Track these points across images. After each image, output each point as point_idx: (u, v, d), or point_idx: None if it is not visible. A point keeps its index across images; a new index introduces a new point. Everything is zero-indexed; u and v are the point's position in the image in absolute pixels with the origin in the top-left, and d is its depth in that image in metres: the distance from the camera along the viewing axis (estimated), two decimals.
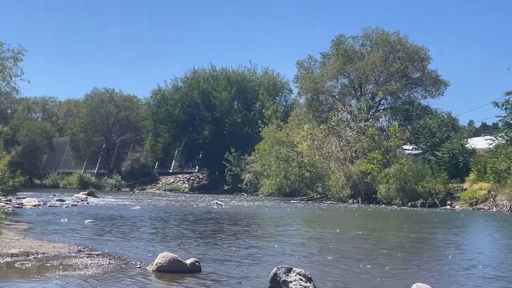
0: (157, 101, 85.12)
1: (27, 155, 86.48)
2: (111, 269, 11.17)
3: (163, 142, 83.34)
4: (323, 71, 59.75)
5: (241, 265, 12.13)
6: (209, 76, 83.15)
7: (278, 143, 57.69)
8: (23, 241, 15.31)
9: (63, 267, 11.29)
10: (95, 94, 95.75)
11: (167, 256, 11.17)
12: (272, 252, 14.54)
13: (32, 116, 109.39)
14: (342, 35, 61.18)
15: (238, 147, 71.91)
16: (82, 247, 14.39)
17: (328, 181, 48.41)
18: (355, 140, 50.58)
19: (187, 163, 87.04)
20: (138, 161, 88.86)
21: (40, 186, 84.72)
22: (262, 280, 10.22)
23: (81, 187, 76.41)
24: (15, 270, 11.12)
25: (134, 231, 19.93)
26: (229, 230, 20.29)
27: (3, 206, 26.75)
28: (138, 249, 14.73)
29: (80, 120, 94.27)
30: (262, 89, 79.50)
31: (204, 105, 79.95)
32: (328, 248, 15.55)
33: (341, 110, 54.17)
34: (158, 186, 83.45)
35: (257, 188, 64.09)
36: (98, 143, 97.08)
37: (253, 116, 75.17)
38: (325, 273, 11.20)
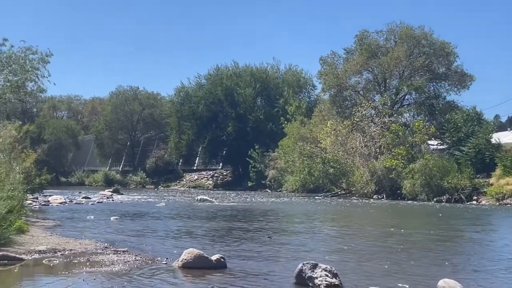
0: (181, 99, 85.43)
1: (53, 153, 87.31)
2: (137, 266, 11.23)
3: (187, 139, 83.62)
4: (347, 66, 59.50)
5: (266, 261, 12.12)
6: (232, 73, 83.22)
7: (302, 139, 57.59)
8: (50, 238, 15.46)
9: (90, 263, 11.37)
10: (119, 92, 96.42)
11: (193, 252, 11.20)
12: (297, 248, 14.50)
13: (58, 114, 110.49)
14: (365, 30, 60.95)
15: (261, 143, 71.93)
16: (108, 243, 14.49)
17: (352, 177, 48.24)
18: (379, 136, 50.33)
19: (211, 160, 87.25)
20: (162, 158, 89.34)
21: (66, 183, 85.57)
22: (288, 276, 10.20)
23: (106, 185, 77.01)
24: (43, 267, 11.22)
25: (159, 227, 20.02)
26: (254, 226, 20.30)
27: (30, 204, 27.01)
28: (163, 245, 14.79)
29: (105, 118, 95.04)
30: (285, 86, 79.38)
31: (227, 101, 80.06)
32: (353, 244, 15.47)
33: (365, 106, 53.91)
34: (182, 183, 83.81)
35: (281, 184, 64.05)
36: (122, 140, 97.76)
37: (277, 112, 75.09)
38: (350, 269, 11.15)
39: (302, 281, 9.56)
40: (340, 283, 9.51)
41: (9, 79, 23.45)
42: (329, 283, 9.41)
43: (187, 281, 10.20)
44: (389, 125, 50.23)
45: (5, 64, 22.96)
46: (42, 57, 23.92)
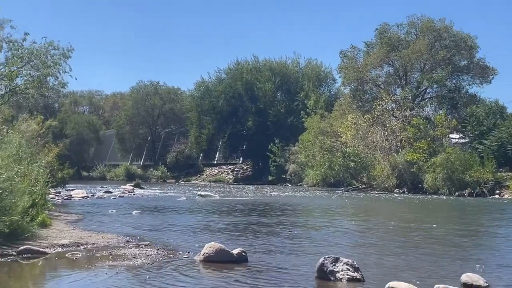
0: (201, 93, 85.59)
1: (74, 147, 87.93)
2: (159, 259, 11.29)
3: (207, 133, 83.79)
4: (367, 60, 59.23)
5: (288, 255, 12.12)
6: (252, 67, 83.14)
7: (322, 133, 57.40)
8: (73, 232, 15.60)
9: (112, 257, 11.45)
10: (140, 87, 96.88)
11: (214, 246, 11.23)
12: (318, 242, 14.48)
13: (79, 109, 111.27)
14: (386, 24, 60.61)
15: (281, 137, 71.85)
16: (130, 237, 14.58)
17: (373, 171, 48.03)
18: (400, 130, 50.04)
19: (231, 154, 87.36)
20: (183, 152, 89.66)
21: (88, 178, 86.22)
22: (309, 270, 10.19)
23: (128, 179, 77.46)
24: (66, 260, 11.32)
25: (180, 221, 20.10)
26: (274, 221, 20.30)
27: (52, 198, 27.28)
28: (185, 239, 14.85)
29: (126, 113, 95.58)
30: (305, 80, 79.17)
31: (247, 96, 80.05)
32: (375, 238, 15.41)
33: (385, 99, 53.59)
34: (202, 178, 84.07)
35: (301, 178, 63.97)
36: (143, 135, 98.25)
37: (297, 106, 74.91)
38: (372, 263, 11.11)
39: (323, 275, 9.54)
40: (361, 277, 9.48)
41: (31, 74, 23.67)
42: (350, 277, 9.38)
43: (209, 275, 10.24)
44: (410, 119, 49.94)
45: (27, 59, 23.15)
46: (64, 52, 24.10)
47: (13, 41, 22.46)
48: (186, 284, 9.23)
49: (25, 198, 13.69)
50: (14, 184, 13.31)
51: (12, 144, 16.42)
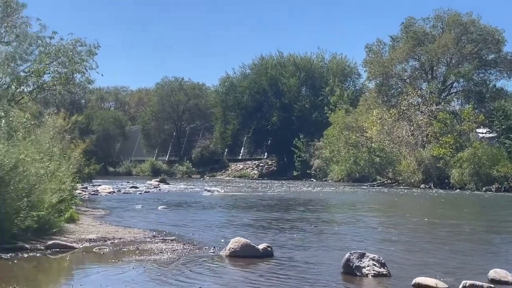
0: (226, 89, 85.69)
1: (101, 143, 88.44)
2: (185, 254, 11.36)
3: (232, 129, 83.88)
4: (393, 54, 58.80)
5: (313, 251, 12.12)
6: (276, 63, 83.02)
7: (347, 129, 57.13)
8: (100, 227, 15.76)
9: (139, 252, 11.55)
10: (165, 83, 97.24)
11: (240, 241, 11.27)
12: (343, 237, 14.45)
13: (105, 105, 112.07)
14: (411, 18, 60.09)
15: (306, 133, 71.69)
16: (156, 232, 14.69)
17: (399, 166, 47.74)
18: (426, 125, 49.63)
19: (256, 150, 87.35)
20: (208, 148, 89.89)
21: (114, 173, 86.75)
22: (335, 265, 10.18)
23: (153, 174, 77.82)
24: (93, 255, 11.45)
25: (206, 216, 20.19)
26: (300, 216, 20.29)
27: (79, 194, 27.58)
28: (210, 234, 14.91)
29: (151, 109, 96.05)
30: (330, 74, 78.88)
31: (272, 91, 79.98)
32: (401, 233, 15.33)
33: (411, 94, 53.16)
34: (227, 173, 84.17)
35: (326, 174, 63.80)
36: (168, 131, 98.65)
37: (321, 101, 74.65)
38: (398, 258, 11.05)
39: (349, 270, 9.53)
40: (388, 272, 9.44)
41: (58, 71, 23.93)
42: (377, 273, 9.35)
43: (235, 270, 10.28)
44: (436, 114, 49.49)
45: (54, 56, 23.41)
46: (90, 49, 24.33)
47: (41, 38, 22.73)
48: (212, 279, 9.27)
49: (53, 193, 13.86)
50: (43, 180, 13.50)
51: (42, 141, 16.64)
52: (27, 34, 22.92)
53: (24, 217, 11.77)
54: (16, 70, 21.80)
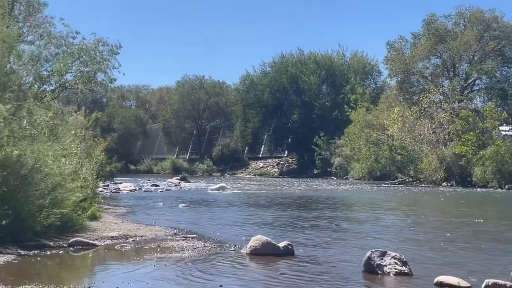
0: (246, 87, 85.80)
1: (122, 141, 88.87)
2: (206, 252, 11.39)
3: (252, 127, 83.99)
4: (414, 51, 58.44)
5: (334, 249, 12.08)
6: (297, 61, 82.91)
7: (368, 126, 56.89)
8: (121, 225, 15.86)
9: (160, 249, 11.60)
10: (185, 81, 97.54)
11: (261, 239, 11.27)
12: (364, 236, 14.39)
13: (126, 104, 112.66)
14: (433, 15, 59.66)
15: (327, 131, 71.53)
16: (177, 230, 14.75)
17: (420, 164, 47.47)
18: (448, 122, 49.27)
19: (276, 148, 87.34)
20: (228, 146, 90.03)
21: (135, 171, 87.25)
22: (356, 263, 10.14)
23: (174, 172, 78.12)
24: (115, 252, 11.53)
25: (226, 214, 20.25)
26: (320, 214, 20.25)
27: (101, 191, 27.79)
28: (231, 232, 14.95)
29: (172, 107, 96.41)
30: (351, 72, 78.60)
31: (292, 89, 79.93)
32: (422, 232, 15.23)
33: (433, 92, 52.82)
34: (248, 171, 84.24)
35: (347, 172, 63.62)
36: (189, 129, 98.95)
37: (342, 99, 74.45)
38: (420, 257, 10.98)
39: (371, 269, 9.49)
40: (409, 271, 9.38)
41: (80, 70, 24.13)
42: (398, 271, 9.30)
43: (256, 268, 10.28)
44: (458, 111, 49.11)
45: (77, 55, 23.60)
46: (112, 48, 24.49)
47: (64, 37, 22.94)
48: (233, 276, 9.29)
49: (75, 191, 13.98)
50: (65, 178, 13.61)
51: (65, 139, 16.79)
52: (51, 33, 23.13)
53: (47, 214, 11.89)
54: (39, 69, 22.01)
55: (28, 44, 22.46)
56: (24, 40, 22.51)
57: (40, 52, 20.36)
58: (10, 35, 14.38)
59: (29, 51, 20.09)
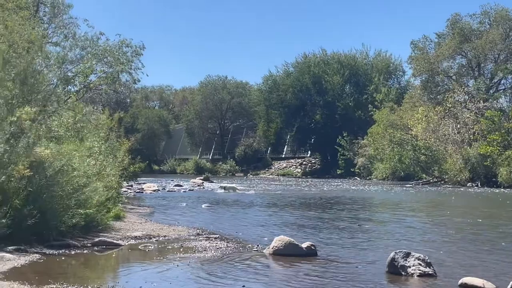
0: (269, 87, 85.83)
1: (146, 142, 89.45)
2: (229, 252, 11.41)
3: (275, 127, 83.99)
4: (439, 51, 58.02)
5: (357, 250, 12.03)
6: (320, 61, 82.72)
7: (392, 126, 56.54)
8: (145, 225, 15.96)
9: (183, 249, 11.65)
10: (208, 81, 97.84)
11: (283, 240, 11.26)
12: (388, 236, 14.31)
13: (150, 104, 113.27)
14: (458, 14, 59.20)
15: (350, 131, 71.26)
16: (200, 230, 14.80)
17: (445, 165, 47.05)
18: (473, 122, 48.77)
19: (299, 148, 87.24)
20: (251, 146, 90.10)
21: (159, 172, 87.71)
22: (379, 264, 10.09)
23: (197, 173, 78.41)
24: (138, 252, 11.60)
25: (249, 214, 20.26)
26: (343, 215, 20.18)
27: (125, 191, 27.97)
28: (254, 232, 14.95)
29: (195, 108, 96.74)
30: (374, 72, 78.23)
31: (315, 89, 79.78)
32: (447, 233, 15.10)
33: (457, 91, 52.31)
34: (271, 171, 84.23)
35: (370, 172, 63.32)
36: (212, 129, 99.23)
37: (366, 99, 74.14)
38: (444, 258, 10.88)
39: (394, 270, 9.43)
40: (434, 272, 9.31)
41: (104, 71, 24.31)
42: (422, 272, 9.23)
43: (278, 268, 10.28)
44: (483, 111, 48.59)
45: (101, 56, 23.79)
46: (136, 49, 24.67)
47: (89, 39, 23.13)
48: (255, 277, 9.29)
49: (100, 192, 14.09)
50: (90, 179, 13.73)
51: (89, 140, 16.93)
52: (75, 35, 23.36)
53: (72, 214, 12.01)
54: (65, 71, 22.23)
55: (53, 45, 22.70)
56: (49, 42, 22.76)
57: (65, 53, 20.53)
58: (37, 36, 14.53)
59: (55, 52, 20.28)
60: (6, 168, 10.77)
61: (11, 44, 12.66)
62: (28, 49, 13.81)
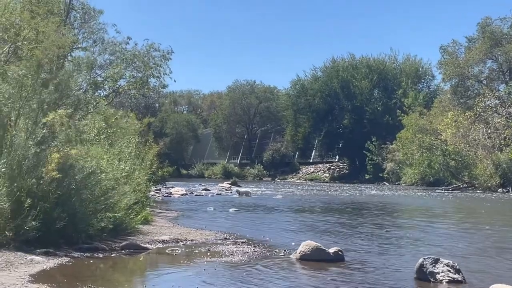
0: (297, 91, 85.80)
1: (174, 146, 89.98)
2: (256, 257, 11.40)
3: (303, 132, 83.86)
4: (469, 55, 57.39)
5: (385, 255, 11.93)
6: (348, 65, 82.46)
7: (421, 131, 56.05)
8: (172, 229, 16.04)
9: (210, 253, 11.67)
10: (236, 86, 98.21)
11: (310, 245, 11.21)
12: (416, 242, 14.17)
13: (178, 108, 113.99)
14: (488, 18, 58.50)
15: (378, 135, 70.81)
16: (227, 234, 14.81)
17: (475, 170, 46.47)
18: (504, 127, 48.11)
19: (327, 153, 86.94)
20: (279, 151, 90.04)
21: (187, 176, 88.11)
22: (407, 270, 9.99)
23: (225, 177, 78.58)
24: (166, 256, 11.65)
25: (276, 219, 20.23)
26: (371, 220, 20.04)
27: (153, 195, 28.14)
28: (281, 236, 14.92)
29: (223, 112, 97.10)
30: (403, 76, 77.71)
31: (343, 94, 79.51)
32: (477, 239, 14.89)
33: (488, 96, 51.66)
34: (298, 176, 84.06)
35: (399, 177, 62.84)
36: (240, 134, 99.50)
37: (394, 104, 73.65)
38: (474, 265, 10.74)
39: (423, 276, 9.33)
40: (463, 279, 9.19)
41: (133, 75, 24.57)
42: (451, 279, 9.12)
43: (305, 273, 10.24)
44: None
45: (130, 61, 24.04)
46: (164, 54, 24.88)
47: (117, 44, 23.41)
48: (282, 282, 9.27)
49: (128, 195, 14.21)
50: (119, 182, 13.86)
51: (119, 144, 17.09)
52: (104, 40, 23.65)
53: (100, 218, 12.12)
54: (94, 75, 22.50)
55: (82, 50, 23.00)
56: (79, 47, 23.07)
57: (94, 58, 20.81)
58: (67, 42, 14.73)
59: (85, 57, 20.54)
60: (36, 171, 10.92)
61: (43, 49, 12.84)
62: (59, 54, 14.00)
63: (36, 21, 15.18)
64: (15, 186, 10.60)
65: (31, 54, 13.19)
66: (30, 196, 10.53)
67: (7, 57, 15.41)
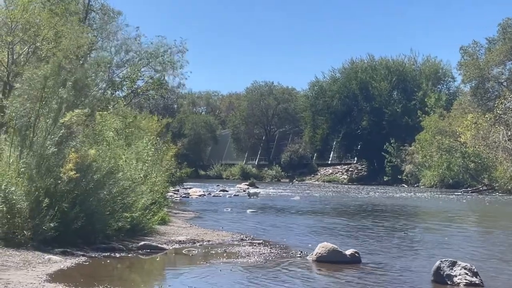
0: (315, 93, 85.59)
1: (192, 147, 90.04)
2: (272, 258, 11.38)
3: (321, 133, 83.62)
4: (489, 57, 56.88)
5: (402, 258, 11.86)
6: (367, 66, 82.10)
7: (440, 133, 55.66)
8: (189, 229, 16.07)
9: (226, 254, 11.67)
10: (255, 87, 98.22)
11: (327, 246, 11.18)
12: (434, 245, 14.06)
13: (197, 110, 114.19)
14: (510, 19, 57.90)
15: (397, 137, 70.36)
16: (244, 235, 14.80)
17: (495, 172, 46.05)
18: None
19: (345, 154, 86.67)
20: (297, 152, 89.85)
21: (205, 177, 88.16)
22: (424, 273, 9.92)
23: (243, 178, 78.52)
24: (182, 256, 11.67)
25: (293, 221, 20.21)
26: (389, 222, 19.93)
27: (171, 196, 28.23)
28: (297, 238, 14.90)
29: (241, 113, 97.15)
30: (423, 78, 77.18)
31: (362, 95, 79.17)
32: (495, 243, 14.76)
33: (508, 98, 51.16)
34: (316, 177, 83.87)
35: (418, 179, 62.44)
36: (258, 135, 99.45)
37: (414, 105, 73.18)
38: (492, 268, 10.64)
39: (440, 279, 9.26)
40: (480, 282, 9.10)
41: (151, 76, 24.70)
42: (469, 282, 9.04)
43: (321, 275, 10.21)
44: None
45: (146, 61, 24.18)
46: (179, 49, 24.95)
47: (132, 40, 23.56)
48: (298, 283, 9.25)
49: (146, 196, 14.25)
50: (137, 183, 13.91)
51: (137, 144, 17.17)
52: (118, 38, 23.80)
53: (118, 218, 12.17)
54: (112, 75, 22.64)
55: (101, 50, 23.17)
56: (97, 48, 23.23)
57: (111, 57, 20.95)
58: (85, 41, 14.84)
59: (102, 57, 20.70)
60: (54, 171, 10.99)
61: (62, 49, 12.95)
62: (77, 54, 14.11)
63: (55, 20, 15.29)
64: (34, 186, 10.67)
65: (51, 54, 13.30)
66: (48, 195, 10.59)
67: (27, 57, 15.56)
